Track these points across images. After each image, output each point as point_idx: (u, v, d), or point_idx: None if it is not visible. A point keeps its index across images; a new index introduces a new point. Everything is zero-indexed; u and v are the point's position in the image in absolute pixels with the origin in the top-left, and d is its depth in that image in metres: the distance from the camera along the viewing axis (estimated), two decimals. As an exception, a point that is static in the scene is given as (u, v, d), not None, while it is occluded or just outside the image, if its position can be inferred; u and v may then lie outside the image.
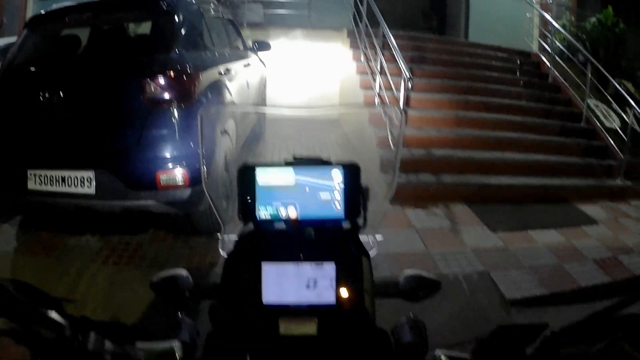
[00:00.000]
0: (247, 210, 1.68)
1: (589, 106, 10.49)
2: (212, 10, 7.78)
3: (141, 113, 5.45)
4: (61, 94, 5.58)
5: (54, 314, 1.18)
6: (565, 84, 11.63)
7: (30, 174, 5.57)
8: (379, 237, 1.82)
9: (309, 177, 1.66)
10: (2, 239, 6.39)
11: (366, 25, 10.86)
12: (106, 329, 1.30)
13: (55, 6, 6.68)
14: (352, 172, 1.67)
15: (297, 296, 1.57)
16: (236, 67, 7.57)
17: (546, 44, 12.91)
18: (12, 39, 9.94)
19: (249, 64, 8.70)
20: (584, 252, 6.53)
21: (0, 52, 8.68)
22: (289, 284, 1.57)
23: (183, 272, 1.74)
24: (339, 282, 1.57)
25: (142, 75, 5.47)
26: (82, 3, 6.57)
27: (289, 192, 1.67)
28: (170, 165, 5.41)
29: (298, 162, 1.69)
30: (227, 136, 6.39)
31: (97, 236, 6.24)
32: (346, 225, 1.72)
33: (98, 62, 5.99)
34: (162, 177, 5.39)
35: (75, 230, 6.36)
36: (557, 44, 12.48)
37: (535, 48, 13.56)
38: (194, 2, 6.92)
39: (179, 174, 5.40)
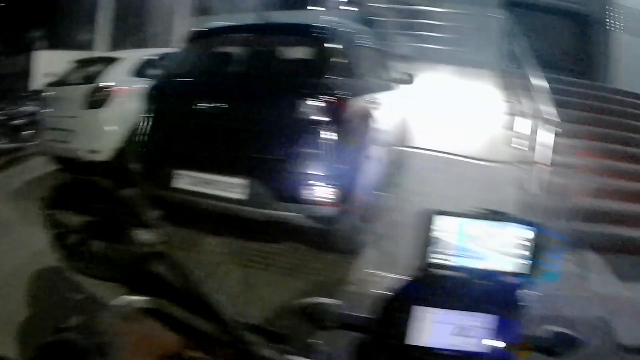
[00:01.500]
0: (420, 252, 1.71)
1: None
2: (363, 40, 8.19)
3: (298, 131, 5.89)
4: (221, 105, 6.17)
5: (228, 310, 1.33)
6: None
7: (179, 174, 6.20)
8: (536, 293, 1.81)
9: (492, 230, 1.69)
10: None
11: (518, 68, 10.96)
12: (267, 335, 1.43)
13: (212, 23, 7.37)
14: (542, 231, 1.69)
15: (442, 342, 1.62)
16: (382, 96, 7.85)
17: None
18: (162, 50, 10.73)
19: (394, 95, 8.99)
20: None
21: (151, 60, 9.52)
22: (439, 329, 1.62)
23: (337, 302, 1.82)
24: (489, 333, 1.63)
25: (298, 95, 5.95)
26: (243, 24, 7.30)
27: (469, 242, 1.70)
28: (320, 182, 5.78)
29: (484, 214, 1.73)
30: (371, 162, 6.70)
31: (238, 239, 6.64)
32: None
33: (256, 79, 6.58)
34: (312, 192, 5.76)
35: (215, 231, 6.71)
36: None
37: None
38: (347, 31, 7.38)
39: (328, 191, 5.75)
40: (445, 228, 1.69)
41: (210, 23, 7.51)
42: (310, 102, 5.91)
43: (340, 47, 6.74)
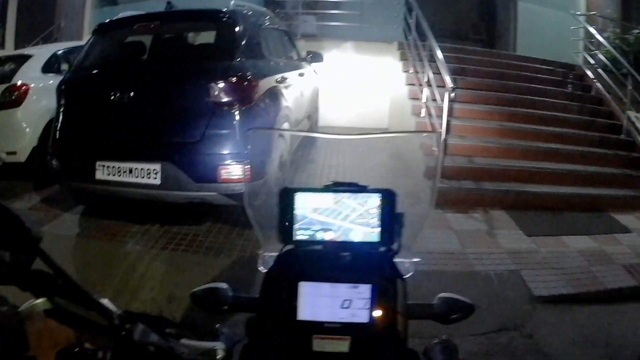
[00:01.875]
0: (286, 232, 1.79)
1: (629, 118, 10.69)
2: (269, 22, 8.38)
3: (206, 113, 6.08)
4: (130, 93, 6.25)
5: (106, 302, 1.37)
6: (608, 96, 11.87)
7: (99, 165, 6.25)
8: (416, 259, 1.91)
9: (347, 202, 1.77)
10: (66, 224, 7.02)
11: (415, 38, 11.27)
12: (154, 322, 1.44)
13: (122, 14, 7.47)
14: (388, 199, 1.77)
15: (331, 315, 1.66)
16: (291, 76, 8.14)
17: (591, 57, 13.12)
18: (74, 43, 10.71)
19: (303, 74, 9.30)
20: (613, 257, 6.83)
21: (64, 55, 9.46)
22: (324, 303, 1.67)
23: (223, 285, 1.85)
24: (373, 304, 1.66)
25: (208, 79, 6.12)
26: (151, 13, 7.37)
27: (327, 216, 1.78)
28: (231, 160, 5.97)
29: (337, 187, 1.80)
30: (282, 138, 6.95)
31: (158, 225, 6.78)
32: (382, 248, 1.81)
33: (166, 66, 6.72)
34: (224, 171, 5.95)
35: (136, 219, 6.93)
36: (600, 56, 12.72)
37: (580, 61, 13.71)
38: (253, 14, 7.57)
39: (239, 168, 5.94)
40: (304, 204, 1.76)
41: (119, 14, 7.60)
42: (219, 85, 6.10)
43: (247, 29, 6.92)
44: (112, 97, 6.31)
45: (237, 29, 6.73)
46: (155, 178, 6.12)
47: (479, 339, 5.07)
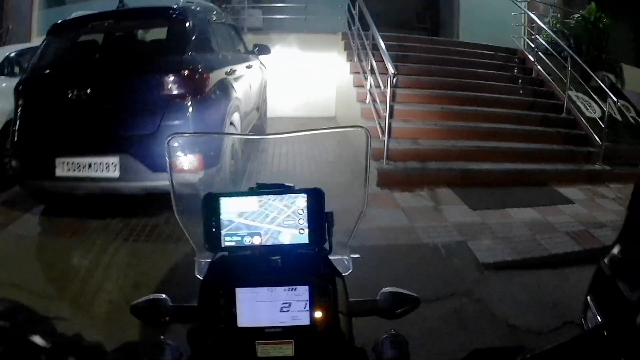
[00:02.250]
0: (212, 238, 1.72)
1: (570, 97, 11.15)
2: (216, 17, 8.68)
3: (160, 106, 6.37)
4: (87, 90, 6.50)
5: (36, 338, 1.39)
6: (549, 77, 12.30)
7: (58, 162, 6.48)
8: (355, 256, 1.87)
9: (273, 204, 1.71)
10: (27, 225, 7.16)
11: (358, 28, 11.60)
12: (87, 353, 1.48)
13: (75, 14, 7.69)
14: (315, 198, 1.71)
15: (271, 319, 1.62)
16: (239, 68, 8.46)
17: (531, 41, 13.59)
18: (26, 45, 10.80)
19: (250, 66, 9.62)
20: (557, 226, 7.19)
21: (16, 57, 9.58)
22: (263, 307, 1.62)
23: (162, 296, 1.79)
24: (313, 305, 1.62)
25: (161, 73, 6.43)
26: (104, 12, 7.58)
27: (254, 219, 1.71)
28: (184, 151, 6.23)
29: (262, 189, 1.73)
30: (234, 127, 7.26)
31: (118, 219, 6.97)
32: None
33: (120, 62, 6.95)
34: (178, 161, 6.23)
35: (96, 215, 7.10)
36: (541, 40, 13.16)
37: (521, 46, 14.15)
38: (202, 10, 7.86)
39: (192, 158, 6.27)
40: (229, 209, 1.71)
41: (72, 14, 7.86)
42: (172, 78, 6.41)
43: (196, 25, 7.23)
44: (69, 95, 6.53)
45: (187, 24, 7.03)
46: (115, 171, 6.37)
47: (431, 305, 5.30)
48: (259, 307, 1.63)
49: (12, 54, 9.69)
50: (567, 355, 1.25)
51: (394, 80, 8.78)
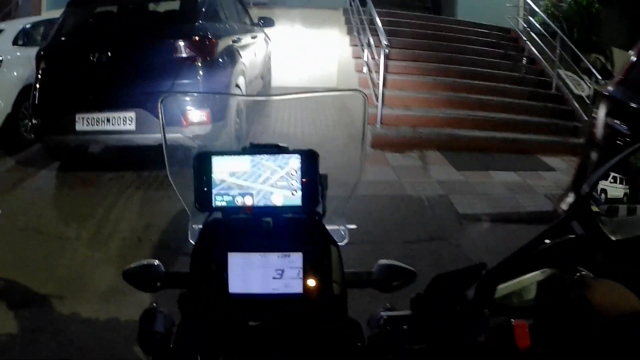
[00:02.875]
0: (204, 198, 1.69)
1: (559, 76, 11.71)
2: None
3: (173, 67, 7.14)
4: (106, 54, 7.25)
5: None
6: (540, 57, 12.84)
7: (79, 117, 7.21)
8: (352, 226, 1.86)
9: (266, 165, 1.67)
10: (44, 179, 7.92)
11: (358, 5, 12.35)
12: None
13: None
14: (309, 160, 1.67)
15: (264, 286, 1.59)
16: (245, 38, 9.25)
17: (525, 22, 14.19)
18: (38, 18, 11.64)
19: (255, 37, 10.41)
20: (536, 188, 7.68)
21: (32, 28, 10.23)
22: (256, 274, 1.60)
23: (155, 262, 1.78)
24: (306, 272, 1.59)
25: (174, 38, 7.20)
26: None
27: (246, 179, 1.68)
28: (194, 106, 7.01)
29: (255, 149, 1.69)
30: (239, 89, 7.99)
31: (130, 171, 7.67)
32: (308, 214, 1.73)
33: (136, 29, 7.76)
34: (188, 115, 6.98)
35: (110, 168, 7.87)
36: (533, 21, 13.71)
37: (515, 26, 14.77)
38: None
39: (201, 113, 7.02)
40: (221, 169, 1.69)
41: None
42: (184, 43, 7.16)
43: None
44: (90, 58, 7.26)
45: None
46: (131, 124, 7.09)
47: (412, 246, 5.89)
48: (251, 273, 1.61)
49: (28, 26, 10.22)
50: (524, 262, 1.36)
51: (387, 51, 9.37)
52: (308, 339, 1.58)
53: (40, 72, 7.66)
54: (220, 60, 7.60)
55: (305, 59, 15.01)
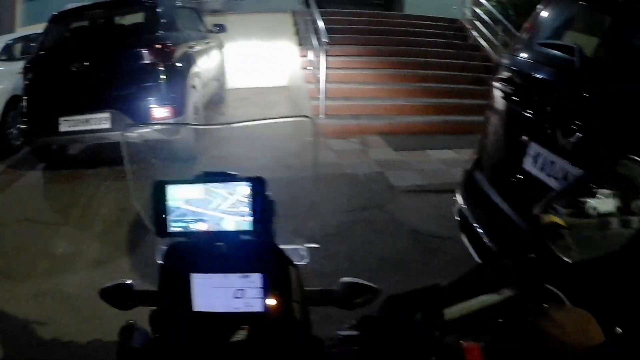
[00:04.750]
0: (159, 223, 1.82)
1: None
2: (181, 2, 11.39)
3: (139, 72, 8.91)
4: (83, 64, 8.96)
5: None
6: (484, 43, 14.34)
7: (62, 121, 8.91)
8: (312, 245, 1.94)
9: (217, 192, 1.79)
10: (33, 178, 9.65)
11: (303, 7, 14.17)
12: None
13: (69, 5, 10.26)
14: (258, 186, 1.77)
15: (226, 305, 1.74)
16: (200, 44, 11.18)
17: (470, 11, 15.52)
18: (18, 34, 13.32)
19: (210, 42, 12.33)
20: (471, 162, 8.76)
21: (13, 44, 11.96)
22: (218, 293, 1.75)
23: (128, 281, 1.97)
24: (266, 292, 1.72)
25: (138, 48, 8.98)
26: (94, 3, 10.32)
27: (199, 206, 1.81)
28: (159, 104, 8.80)
29: (206, 177, 1.83)
30: (195, 90, 9.88)
31: (106, 167, 9.13)
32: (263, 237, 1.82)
33: (107, 41, 9.57)
34: (154, 112, 8.78)
35: (88, 166, 9.57)
36: (478, 10, 14.92)
37: (461, 16, 16.15)
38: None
39: (165, 109, 8.83)
40: (176, 196, 1.81)
41: (67, 6, 10.34)
42: (147, 51, 8.90)
43: (165, 10, 9.81)
44: (69, 69, 8.93)
45: (158, 10, 9.57)
46: (106, 123, 8.77)
47: (348, 214, 7.00)
48: (214, 292, 1.75)
49: (10, 42, 11.77)
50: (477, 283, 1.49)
51: (327, 48, 11.07)
52: (270, 357, 1.74)
53: (27, 82, 9.35)
54: (178, 64, 9.34)
55: (257, 61, 16.62)
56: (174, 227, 1.83)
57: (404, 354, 1.41)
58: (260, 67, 16.65)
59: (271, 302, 1.73)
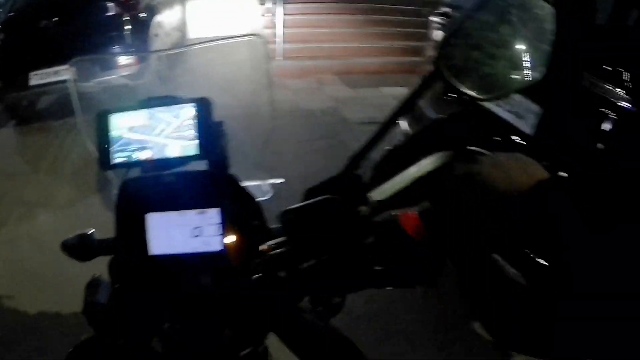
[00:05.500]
0: (103, 157, 1.68)
1: None
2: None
3: (105, 24, 9.74)
4: (52, 20, 9.75)
5: None
6: None
7: (31, 75, 9.72)
8: (277, 181, 1.89)
9: (161, 117, 1.69)
10: (6, 134, 10.45)
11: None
12: None
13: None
14: (203, 108, 1.67)
15: (184, 246, 1.60)
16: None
17: None
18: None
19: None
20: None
21: None
22: (175, 233, 1.61)
23: (89, 231, 1.78)
24: (224, 229, 1.57)
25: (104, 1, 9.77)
26: None
27: (142, 133, 1.70)
28: (124, 54, 9.74)
29: (150, 102, 1.71)
30: (158, 37, 10.71)
31: (72, 117, 9.88)
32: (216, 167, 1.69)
33: None
34: (120, 60, 9.55)
35: (56, 118, 10.09)
36: None
37: None
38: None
39: (129, 59, 9.61)
40: (119, 125, 1.69)
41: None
42: (112, 3, 9.74)
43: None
44: (39, 25, 9.70)
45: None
46: (73, 74, 9.53)
47: (304, 144, 7.74)
48: (170, 233, 1.62)
49: None
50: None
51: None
52: (234, 297, 1.59)
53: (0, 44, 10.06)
54: (141, 15, 10.14)
55: (217, 10, 16.33)
56: (118, 158, 1.69)
57: (337, 242, 1.42)
58: (221, 16, 16.37)
59: (230, 239, 1.58)
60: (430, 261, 1.34)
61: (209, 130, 1.64)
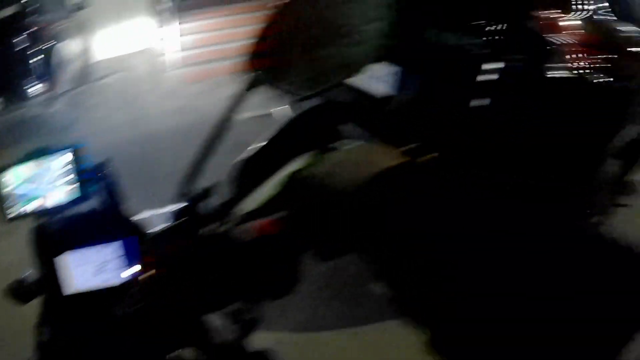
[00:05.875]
0: (1, 211, 1.81)
1: None
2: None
3: (13, 55, 10.24)
4: None
5: None
6: None
7: None
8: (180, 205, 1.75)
9: (46, 165, 1.78)
10: None
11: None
12: None
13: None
14: (76, 152, 1.77)
15: (92, 282, 1.70)
16: (64, 22, 12.28)
17: None
18: None
19: (74, 19, 13.13)
20: None
21: None
22: (83, 270, 1.71)
23: (26, 274, 1.85)
24: (130, 261, 1.68)
25: (15, 30, 10.29)
26: None
27: (32, 183, 1.80)
28: (34, 81, 10.19)
29: (34, 154, 1.81)
30: (66, 63, 11.38)
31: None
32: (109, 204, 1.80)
33: None
34: (31, 90, 10.14)
35: None
36: None
37: None
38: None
39: (39, 86, 10.26)
40: (11, 179, 1.81)
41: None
42: (19, 36, 10.25)
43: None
44: None
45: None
46: None
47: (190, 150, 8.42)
48: (79, 270, 1.71)
49: None
50: None
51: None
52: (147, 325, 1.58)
53: None
54: (50, 44, 10.95)
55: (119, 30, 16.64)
56: (12, 212, 1.83)
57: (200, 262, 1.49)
58: (121, 34, 16.67)
59: (135, 270, 1.65)
60: (291, 254, 1.43)
61: (89, 173, 1.78)
